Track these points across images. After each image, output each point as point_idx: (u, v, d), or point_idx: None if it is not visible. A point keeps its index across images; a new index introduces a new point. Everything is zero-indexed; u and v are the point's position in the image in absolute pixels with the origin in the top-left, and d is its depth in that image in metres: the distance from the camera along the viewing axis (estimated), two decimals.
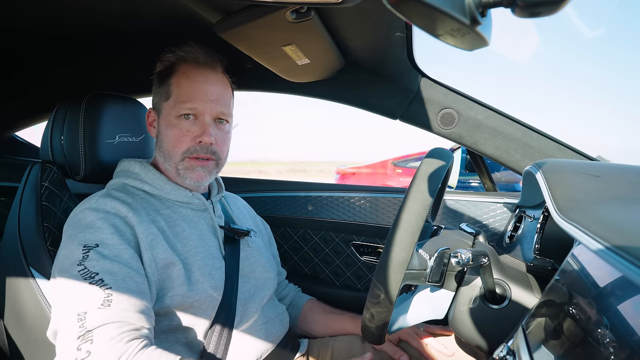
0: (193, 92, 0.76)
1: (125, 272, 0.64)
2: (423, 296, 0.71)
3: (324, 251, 1.32)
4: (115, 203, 0.71)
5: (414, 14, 0.28)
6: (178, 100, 0.76)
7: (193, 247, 0.76)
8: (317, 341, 0.96)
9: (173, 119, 0.77)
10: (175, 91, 0.77)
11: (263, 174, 19.18)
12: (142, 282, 0.65)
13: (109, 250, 0.65)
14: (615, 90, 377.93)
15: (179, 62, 0.79)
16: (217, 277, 0.77)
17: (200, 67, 0.79)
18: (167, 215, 0.77)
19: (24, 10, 0.79)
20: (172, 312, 0.71)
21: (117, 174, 0.82)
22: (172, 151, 0.78)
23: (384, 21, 0.79)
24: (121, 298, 0.61)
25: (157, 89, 0.81)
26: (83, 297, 0.60)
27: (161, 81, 0.80)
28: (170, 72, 0.79)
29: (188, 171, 0.78)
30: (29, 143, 1.58)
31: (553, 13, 0.27)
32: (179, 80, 0.77)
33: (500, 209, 1.11)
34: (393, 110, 1.09)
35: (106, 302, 0.59)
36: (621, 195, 0.48)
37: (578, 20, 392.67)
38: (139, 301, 0.62)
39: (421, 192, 0.57)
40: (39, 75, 1.18)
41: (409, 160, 4.66)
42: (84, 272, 0.62)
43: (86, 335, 0.56)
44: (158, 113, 0.81)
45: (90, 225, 0.67)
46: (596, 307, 0.35)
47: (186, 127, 0.77)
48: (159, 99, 0.80)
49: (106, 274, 0.62)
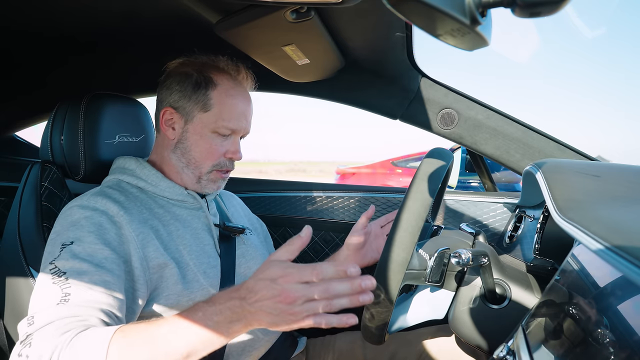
0: (236, 114, 0.78)
1: (93, 271, 0.61)
2: (423, 296, 0.71)
3: (324, 251, 1.32)
4: (106, 201, 0.70)
5: (414, 14, 0.28)
6: (220, 118, 0.76)
7: (187, 246, 0.76)
8: (318, 340, 0.96)
9: (209, 132, 0.77)
10: (217, 107, 0.76)
11: (263, 174, 19.18)
12: (112, 282, 0.62)
13: (83, 248, 0.63)
14: (615, 90, 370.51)
15: (218, 75, 0.78)
16: (213, 275, 0.77)
17: (241, 86, 0.81)
18: (161, 215, 0.77)
19: (24, 10, 0.79)
20: (168, 312, 0.71)
21: (113, 170, 0.82)
22: (202, 162, 0.79)
23: (384, 21, 0.79)
24: (81, 296, 0.58)
25: (186, 92, 0.77)
26: (44, 296, 0.58)
27: (196, 88, 0.77)
28: (209, 82, 0.77)
29: (211, 182, 0.81)
30: (29, 143, 1.58)
31: (553, 13, 0.27)
32: (221, 96, 0.77)
33: (500, 209, 1.11)
34: (393, 110, 1.09)
35: (62, 301, 0.57)
36: (621, 195, 0.48)
37: (578, 20, 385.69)
38: (102, 299, 0.59)
39: (421, 192, 0.57)
40: (39, 75, 1.18)
41: (409, 160, 4.66)
42: (54, 270, 0.60)
43: (27, 340, 0.53)
44: (185, 118, 0.78)
45: (75, 222, 0.67)
46: (596, 307, 0.35)
47: (220, 142, 0.79)
48: (190, 106, 0.77)
49: (74, 272, 0.60)
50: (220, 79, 0.78)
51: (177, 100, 0.78)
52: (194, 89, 0.77)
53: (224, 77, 0.78)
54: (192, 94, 0.77)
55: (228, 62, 0.80)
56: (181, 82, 0.78)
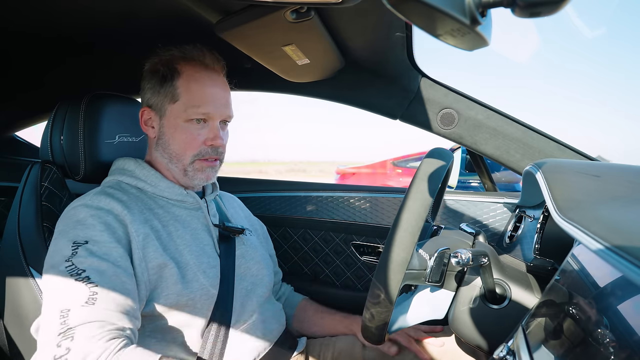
0: (205, 96, 0.76)
1: (112, 270, 0.63)
2: (423, 296, 0.71)
3: (324, 251, 1.32)
4: (110, 200, 0.71)
5: (414, 14, 0.28)
6: (189, 105, 0.76)
7: (186, 246, 0.76)
8: (318, 341, 0.96)
9: (182, 122, 0.76)
10: (184, 95, 0.76)
11: (263, 174, 19.18)
12: (129, 282, 0.65)
13: (98, 247, 0.65)
14: (615, 90, 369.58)
15: (183, 63, 0.77)
16: (212, 275, 0.77)
17: (207, 69, 0.79)
18: (161, 215, 0.77)
19: (22, 11, 0.79)
20: (168, 312, 0.71)
21: (112, 171, 0.82)
22: (182, 154, 0.78)
23: (384, 21, 0.79)
24: (106, 297, 0.60)
25: (155, 88, 0.78)
26: (68, 293, 0.59)
27: (162, 81, 0.77)
28: (174, 73, 0.77)
29: (198, 172, 0.80)
30: (29, 143, 1.58)
31: (553, 13, 0.27)
32: (187, 83, 0.76)
33: (500, 209, 1.11)
34: (393, 110, 1.09)
35: (90, 300, 0.59)
36: (621, 195, 0.48)
37: (578, 20, 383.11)
38: (124, 301, 0.62)
39: (421, 192, 0.57)
40: (38, 76, 1.18)
41: (409, 160, 4.66)
42: (72, 268, 0.61)
43: (67, 332, 0.56)
44: (159, 114, 0.79)
45: (82, 221, 0.67)
46: (596, 307, 0.35)
47: (196, 130, 0.77)
48: (160, 100, 0.78)
49: (93, 271, 0.62)
50: (185, 67, 0.77)
51: (150, 98, 0.79)
52: (161, 83, 0.77)
53: (189, 65, 0.78)
54: (160, 88, 0.77)
55: (192, 48, 0.78)
56: (151, 79, 0.79)
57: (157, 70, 0.78)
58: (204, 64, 0.78)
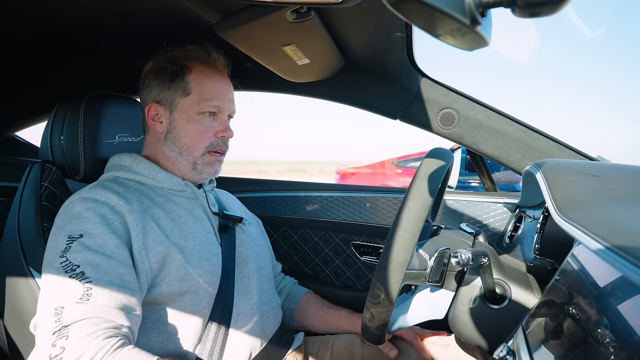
0: (216, 91, 0.80)
1: (108, 263, 0.63)
2: (423, 296, 0.71)
3: (324, 251, 1.32)
4: (105, 192, 0.71)
5: (414, 14, 0.28)
6: (202, 98, 0.79)
7: (190, 232, 0.76)
8: (317, 339, 0.96)
9: (194, 115, 0.79)
10: (196, 88, 0.79)
11: (263, 174, 19.17)
12: (126, 273, 0.64)
13: (93, 240, 0.64)
14: (615, 90, 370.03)
15: (192, 61, 0.80)
16: (215, 262, 0.77)
17: (214, 67, 0.83)
18: (162, 203, 0.77)
19: (23, 10, 0.79)
20: (170, 300, 0.71)
21: (108, 168, 0.83)
22: (194, 146, 0.80)
23: (384, 21, 0.79)
24: (102, 292, 0.59)
25: (164, 84, 0.79)
26: (62, 290, 0.59)
27: (173, 77, 0.79)
28: (184, 69, 0.79)
29: (207, 166, 0.83)
30: (29, 143, 1.58)
31: (553, 13, 0.27)
32: (198, 78, 0.79)
33: (500, 209, 1.11)
34: (393, 110, 1.09)
35: (85, 297, 0.58)
36: (621, 195, 0.48)
37: (578, 20, 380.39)
38: (121, 295, 0.61)
39: (421, 192, 0.57)
40: (39, 75, 1.18)
41: (409, 160, 4.65)
42: (66, 264, 0.61)
43: (62, 331, 0.55)
44: (170, 108, 0.80)
45: (77, 215, 0.67)
46: (596, 307, 0.35)
47: (208, 123, 0.80)
48: (171, 95, 0.79)
49: (88, 266, 0.61)
50: (194, 64, 0.81)
51: (158, 94, 0.80)
52: (171, 79, 0.79)
53: (197, 62, 0.81)
54: (171, 84, 0.79)
55: (198, 48, 0.81)
56: (158, 76, 0.80)
57: (164, 68, 0.80)
58: (211, 61, 0.82)
